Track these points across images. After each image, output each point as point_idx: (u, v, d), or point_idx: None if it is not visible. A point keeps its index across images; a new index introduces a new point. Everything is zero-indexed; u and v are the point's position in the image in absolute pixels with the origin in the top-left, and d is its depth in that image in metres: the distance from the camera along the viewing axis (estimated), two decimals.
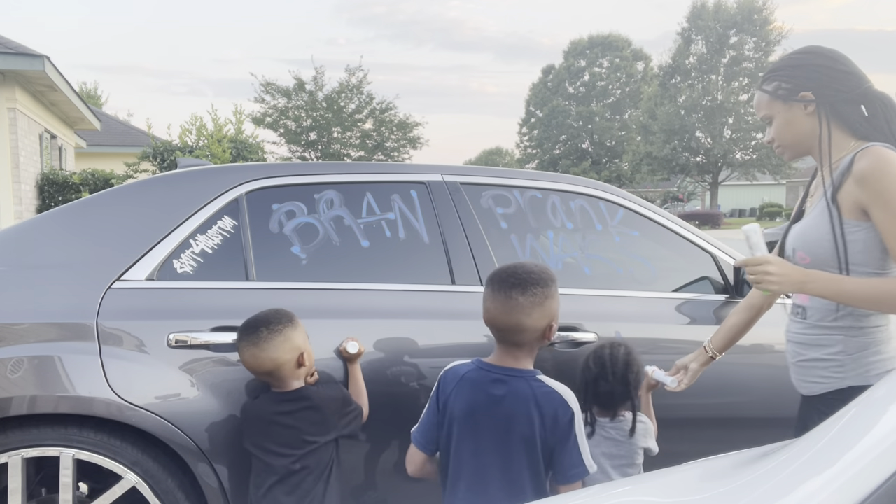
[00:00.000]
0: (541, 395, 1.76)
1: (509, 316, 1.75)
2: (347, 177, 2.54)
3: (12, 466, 1.99)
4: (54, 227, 2.29)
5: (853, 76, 1.76)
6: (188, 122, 16.09)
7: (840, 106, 1.75)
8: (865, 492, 0.88)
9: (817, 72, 1.76)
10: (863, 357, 1.74)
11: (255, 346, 2.00)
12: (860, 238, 1.71)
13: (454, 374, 1.86)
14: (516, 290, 1.74)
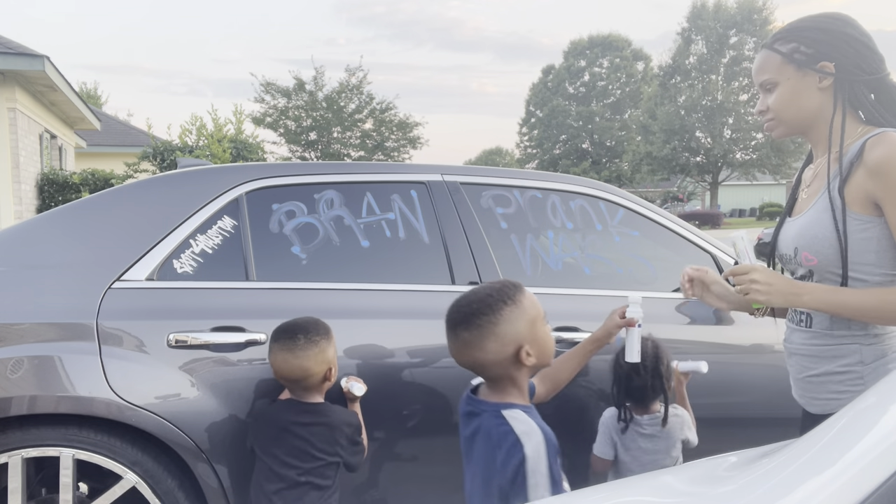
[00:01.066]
0: (497, 434, 1.51)
1: (463, 355, 1.58)
2: (347, 177, 2.54)
3: (12, 466, 1.99)
4: (54, 227, 2.29)
5: (879, 59, 1.56)
6: (188, 122, 16.11)
7: (857, 87, 1.56)
8: (865, 492, 0.88)
9: (847, 43, 1.54)
10: (882, 365, 1.54)
11: (290, 351, 1.99)
12: (873, 236, 1.51)
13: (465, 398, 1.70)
14: (460, 326, 1.56)
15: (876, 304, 1.47)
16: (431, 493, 2.35)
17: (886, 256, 1.52)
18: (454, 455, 2.33)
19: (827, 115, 1.58)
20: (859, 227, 1.52)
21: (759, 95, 1.67)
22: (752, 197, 51.44)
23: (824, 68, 1.55)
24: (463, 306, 1.58)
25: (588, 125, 50.35)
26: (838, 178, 1.54)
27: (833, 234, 1.54)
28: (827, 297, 1.51)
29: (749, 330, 2.62)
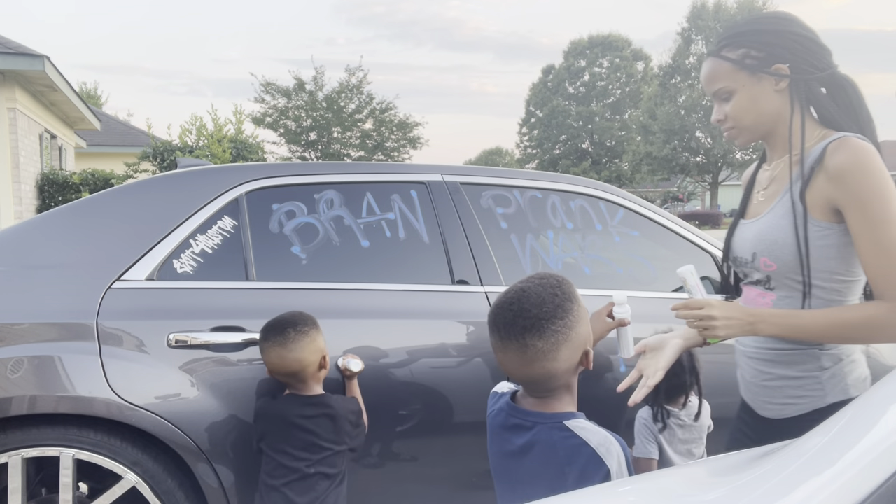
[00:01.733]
0: (565, 448, 1.34)
1: (531, 367, 1.33)
2: (347, 177, 2.54)
3: (12, 466, 1.99)
4: (54, 227, 2.29)
5: (828, 54, 1.52)
6: (188, 122, 16.11)
7: (813, 85, 1.52)
8: (865, 492, 0.88)
9: (796, 42, 1.50)
10: (839, 368, 1.52)
11: (283, 346, 2.01)
12: (833, 243, 1.48)
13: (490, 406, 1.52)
14: (531, 334, 1.31)
15: (830, 326, 1.45)
16: (433, 492, 2.35)
17: (844, 263, 1.49)
18: (454, 455, 2.34)
19: (786, 118, 1.55)
20: (819, 234, 1.49)
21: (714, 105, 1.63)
22: None
23: (779, 70, 1.51)
24: (528, 310, 1.33)
25: (588, 125, 50.35)
26: (799, 183, 1.50)
27: (793, 239, 1.50)
28: (783, 322, 1.47)
29: None
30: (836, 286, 1.51)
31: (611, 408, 2.38)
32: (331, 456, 2.05)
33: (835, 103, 1.54)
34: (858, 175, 1.41)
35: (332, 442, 2.05)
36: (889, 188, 1.41)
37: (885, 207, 1.40)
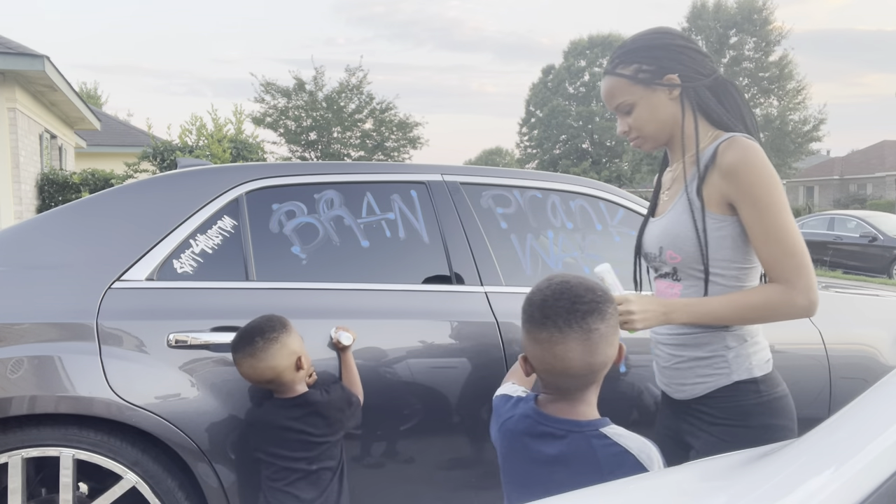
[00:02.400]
0: (606, 456, 1.32)
1: (595, 355, 1.30)
2: (347, 177, 2.54)
3: (12, 466, 1.99)
4: (54, 227, 2.29)
5: (710, 60, 1.67)
6: (188, 122, 16.10)
7: (701, 91, 1.66)
8: (865, 492, 0.88)
9: (681, 53, 1.65)
10: (744, 349, 1.65)
11: (253, 356, 1.99)
12: (728, 234, 1.61)
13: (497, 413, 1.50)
14: (593, 317, 1.30)
15: (734, 309, 1.58)
16: (433, 493, 2.35)
17: (739, 252, 1.63)
18: (455, 455, 2.34)
19: (681, 123, 1.69)
20: (716, 226, 1.62)
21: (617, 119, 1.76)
22: None
23: (671, 81, 1.65)
24: (583, 296, 1.32)
25: (588, 125, 50.34)
26: (696, 181, 1.64)
27: (693, 232, 1.64)
28: (694, 309, 1.60)
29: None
30: (733, 273, 1.65)
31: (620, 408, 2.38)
32: (328, 448, 2.07)
33: (722, 106, 1.69)
34: (747, 171, 1.55)
35: (325, 435, 2.06)
36: (774, 182, 1.55)
37: (771, 199, 1.54)
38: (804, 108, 37.93)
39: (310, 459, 2.05)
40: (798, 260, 1.55)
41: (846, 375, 2.73)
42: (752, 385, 1.63)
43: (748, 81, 38.70)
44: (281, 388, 2.06)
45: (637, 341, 2.48)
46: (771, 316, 1.58)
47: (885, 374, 1.32)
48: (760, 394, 1.63)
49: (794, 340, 2.72)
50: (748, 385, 1.64)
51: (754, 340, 1.67)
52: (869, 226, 14.18)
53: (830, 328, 2.77)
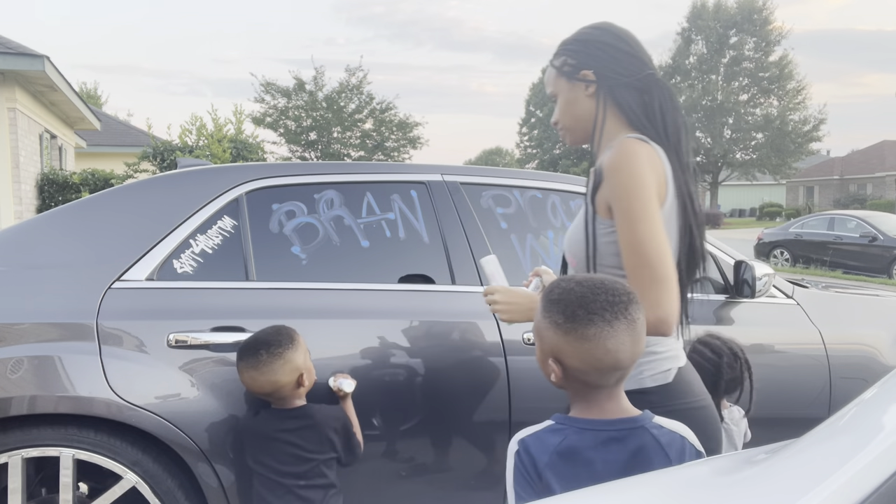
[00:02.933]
0: (669, 447, 1.32)
1: (640, 344, 1.31)
2: (347, 177, 2.54)
3: (12, 466, 1.99)
4: (54, 227, 2.29)
5: (637, 60, 1.61)
6: (188, 122, 16.09)
7: (619, 90, 1.61)
8: (865, 492, 0.88)
9: (601, 50, 1.61)
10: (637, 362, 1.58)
11: (255, 368, 2.00)
12: (614, 240, 1.55)
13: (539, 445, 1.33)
14: (634, 307, 1.30)
15: None
16: (433, 493, 2.35)
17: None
18: (454, 455, 2.34)
19: (593, 120, 1.64)
20: (604, 232, 1.57)
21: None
22: (752, 197, 51.46)
23: (586, 77, 1.62)
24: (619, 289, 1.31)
25: None
26: (590, 185, 1.60)
27: (584, 237, 1.60)
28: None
29: (748, 330, 2.62)
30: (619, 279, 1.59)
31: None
32: (319, 465, 2.05)
33: (644, 108, 1.61)
34: (614, 174, 1.49)
35: (316, 452, 2.04)
36: (638, 187, 1.47)
37: (630, 206, 1.47)
38: (804, 108, 37.94)
39: (299, 475, 2.03)
40: (651, 273, 1.47)
41: (846, 375, 2.73)
42: (641, 396, 1.55)
43: (748, 81, 38.69)
44: (279, 400, 2.06)
45: None
46: None
47: (885, 374, 1.32)
48: (653, 406, 1.50)
49: (794, 340, 2.72)
50: (636, 396, 1.53)
51: (650, 350, 1.59)
52: (869, 226, 14.17)
53: (830, 328, 2.77)
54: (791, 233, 15.89)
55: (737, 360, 2.29)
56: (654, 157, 1.52)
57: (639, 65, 1.61)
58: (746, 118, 38.45)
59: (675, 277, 1.49)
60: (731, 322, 2.66)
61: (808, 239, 15.37)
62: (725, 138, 39.01)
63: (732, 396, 2.35)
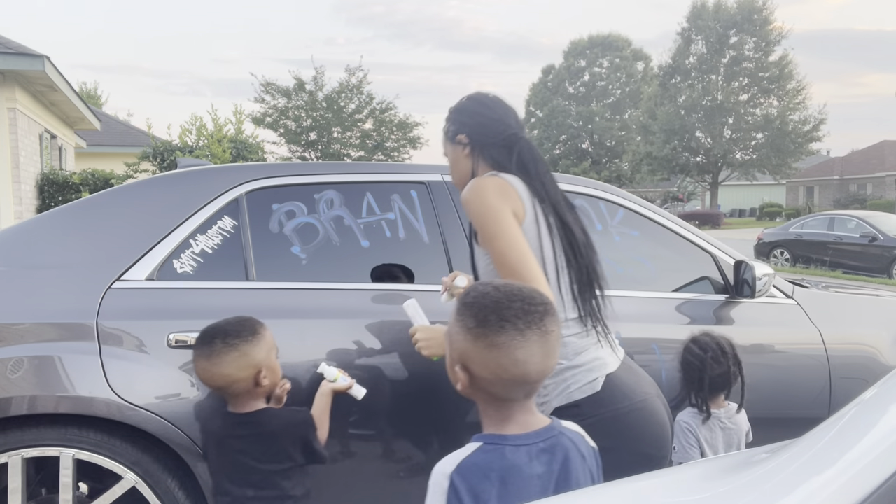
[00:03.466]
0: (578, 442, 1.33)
1: (551, 358, 1.26)
2: (347, 177, 2.54)
3: (12, 466, 1.99)
4: (54, 227, 2.29)
5: (500, 123, 1.86)
6: (188, 122, 16.10)
7: (489, 149, 1.86)
8: (865, 492, 0.88)
9: (471, 117, 1.89)
10: (563, 379, 1.70)
11: (207, 359, 1.85)
12: (493, 268, 1.75)
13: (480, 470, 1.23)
14: (549, 318, 1.27)
15: None
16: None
17: None
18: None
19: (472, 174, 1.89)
20: (483, 260, 1.82)
21: None
22: (752, 197, 51.46)
23: (461, 140, 1.90)
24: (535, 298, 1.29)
25: (588, 125, 50.33)
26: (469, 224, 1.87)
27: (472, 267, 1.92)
28: None
29: (748, 330, 2.62)
30: None
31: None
32: (272, 478, 1.86)
33: (509, 160, 1.84)
34: (468, 206, 1.75)
35: (271, 462, 1.86)
36: (490, 212, 1.69)
37: (487, 227, 1.70)
38: (804, 108, 37.93)
39: (247, 484, 1.86)
40: (517, 279, 1.62)
41: (846, 375, 2.73)
42: (574, 409, 1.66)
43: (748, 81, 38.69)
44: (233, 400, 1.90)
45: (637, 341, 2.48)
46: None
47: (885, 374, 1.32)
48: (584, 417, 1.61)
49: (794, 340, 2.72)
50: (570, 410, 1.66)
51: (571, 364, 1.71)
52: (869, 226, 14.17)
53: (830, 328, 2.77)
54: (791, 233, 15.89)
55: (724, 356, 2.28)
56: (505, 185, 1.74)
57: (503, 127, 1.86)
58: (746, 118, 38.44)
59: (541, 280, 1.65)
60: (731, 322, 2.66)
61: (808, 239, 15.36)
62: (725, 138, 39.00)
63: (723, 393, 2.35)
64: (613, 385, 1.71)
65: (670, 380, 2.50)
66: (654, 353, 2.51)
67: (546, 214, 1.76)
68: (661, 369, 2.50)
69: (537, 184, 1.79)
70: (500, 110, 1.89)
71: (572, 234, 1.77)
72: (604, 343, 1.77)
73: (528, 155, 1.84)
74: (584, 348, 1.73)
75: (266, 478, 1.86)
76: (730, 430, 2.33)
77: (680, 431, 2.31)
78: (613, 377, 1.72)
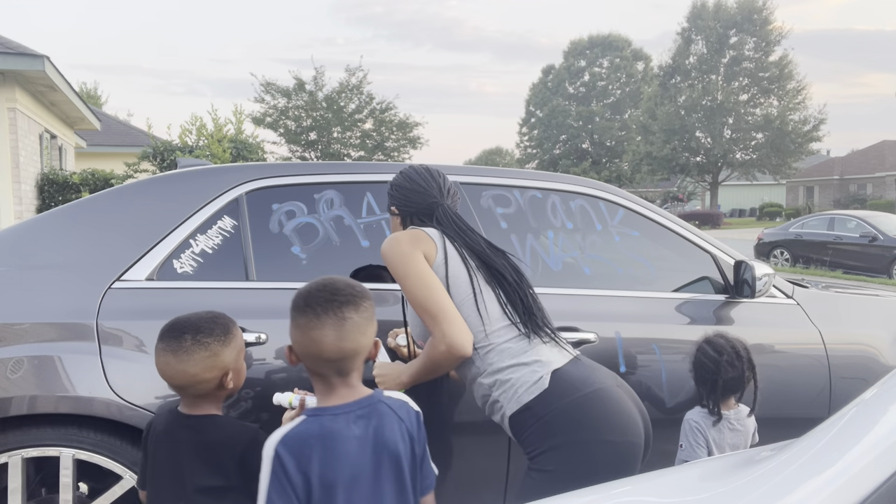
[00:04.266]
0: (397, 408, 1.52)
1: (344, 340, 1.45)
2: (347, 177, 2.54)
3: (12, 466, 1.99)
4: (54, 227, 2.29)
5: (422, 194, 2.06)
6: (188, 122, 16.09)
7: (414, 217, 2.07)
8: (865, 492, 0.88)
9: (398, 191, 2.11)
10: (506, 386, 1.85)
11: (173, 354, 1.65)
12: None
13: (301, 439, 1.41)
14: (348, 307, 1.47)
15: (420, 367, 1.89)
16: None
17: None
18: (453, 454, 2.34)
19: None
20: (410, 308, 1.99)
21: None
22: (752, 197, 51.46)
23: (393, 211, 2.13)
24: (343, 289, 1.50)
25: (588, 125, 50.34)
26: None
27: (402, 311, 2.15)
28: (410, 371, 1.92)
29: (748, 330, 2.62)
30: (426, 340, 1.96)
31: None
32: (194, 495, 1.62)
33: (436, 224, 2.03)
34: (384, 257, 1.95)
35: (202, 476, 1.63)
36: (399, 258, 1.90)
37: (397, 270, 1.90)
38: (804, 108, 37.92)
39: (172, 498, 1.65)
40: (430, 315, 1.84)
41: (846, 375, 2.73)
42: (528, 412, 1.80)
43: (748, 81, 38.69)
44: (189, 399, 1.70)
45: (637, 341, 2.48)
46: (438, 365, 1.85)
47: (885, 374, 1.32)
48: (538, 417, 1.79)
49: (793, 340, 2.72)
50: (523, 414, 1.81)
51: (519, 363, 1.85)
52: (869, 226, 14.17)
53: (830, 328, 2.77)
54: (791, 233, 15.89)
55: (739, 360, 2.29)
56: (417, 233, 1.96)
57: (424, 197, 2.06)
58: (746, 118, 38.43)
59: (446, 308, 1.83)
60: (731, 322, 2.66)
61: (808, 239, 15.36)
62: (725, 138, 39.00)
63: (735, 395, 2.35)
64: (561, 380, 1.81)
65: (670, 380, 2.50)
66: (655, 353, 2.51)
67: (460, 250, 1.95)
68: (661, 369, 2.50)
69: (452, 232, 1.99)
70: (423, 182, 2.08)
71: (493, 263, 1.95)
72: (549, 344, 1.89)
73: (445, 218, 2.02)
74: (523, 350, 1.86)
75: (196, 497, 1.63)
76: (738, 431, 2.33)
77: (689, 430, 2.32)
78: (561, 372, 1.82)
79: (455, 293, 1.90)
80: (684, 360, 2.47)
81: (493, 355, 1.87)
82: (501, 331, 1.88)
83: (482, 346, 1.88)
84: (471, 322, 1.88)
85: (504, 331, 1.88)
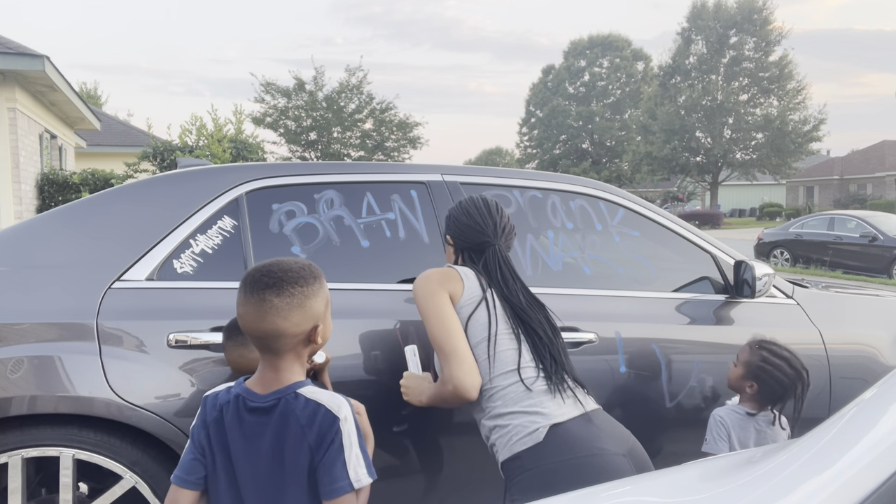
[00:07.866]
0: (302, 413, 1.48)
1: (263, 321, 1.49)
2: (347, 177, 2.54)
3: (12, 466, 1.99)
4: (54, 227, 2.29)
5: (476, 231, 2.10)
6: (188, 122, 16.07)
7: (466, 251, 2.12)
8: (865, 492, 0.88)
9: (454, 223, 2.16)
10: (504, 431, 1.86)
11: (245, 346, 1.90)
12: None
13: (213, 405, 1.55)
14: (270, 291, 1.50)
15: (432, 395, 1.98)
16: (433, 493, 2.35)
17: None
18: (453, 454, 2.34)
19: None
20: None
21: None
22: (752, 197, 51.47)
23: (448, 240, 2.19)
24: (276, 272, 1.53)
25: (588, 125, 50.33)
26: None
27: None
28: (428, 393, 2.00)
29: (748, 330, 2.62)
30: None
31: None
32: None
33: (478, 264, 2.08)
34: (413, 291, 2.02)
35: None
36: (425, 297, 1.97)
37: (421, 309, 1.97)
38: (804, 108, 37.91)
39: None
40: (443, 354, 1.91)
41: (846, 375, 2.73)
42: (516, 462, 1.80)
43: (748, 81, 38.69)
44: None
45: (637, 341, 2.48)
46: (445, 402, 1.93)
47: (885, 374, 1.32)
48: (525, 469, 1.78)
49: (793, 340, 2.72)
50: (513, 463, 1.82)
51: (511, 417, 1.85)
52: (869, 226, 14.17)
53: (830, 328, 2.77)
54: (791, 233, 15.89)
55: (801, 383, 2.31)
56: (448, 272, 2.02)
57: (479, 235, 2.10)
58: (746, 118, 38.43)
59: (461, 352, 1.88)
60: (731, 322, 2.66)
61: (808, 239, 15.36)
62: (725, 138, 38.99)
63: (777, 406, 2.35)
64: (559, 437, 1.76)
65: (670, 380, 2.50)
66: (655, 353, 2.51)
67: (492, 297, 1.99)
68: (661, 369, 2.50)
69: (493, 278, 2.03)
70: (480, 220, 2.11)
71: (527, 318, 1.97)
72: (561, 396, 1.86)
73: (493, 263, 2.06)
74: (526, 397, 1.85)
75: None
76: (765, 434, 2.34)
77: (714, 424, 2.34)
78: (561, 429, 1.78)
79: (472, 335, 1.94)
80: (684, 359, 2.47)
81: (496, 399, 1.88)
82: (507, 375, 1.89)
83: (487, 389, 1.90)
84: (480, 364, 1.91)
85: (509, 375, 1.88)
